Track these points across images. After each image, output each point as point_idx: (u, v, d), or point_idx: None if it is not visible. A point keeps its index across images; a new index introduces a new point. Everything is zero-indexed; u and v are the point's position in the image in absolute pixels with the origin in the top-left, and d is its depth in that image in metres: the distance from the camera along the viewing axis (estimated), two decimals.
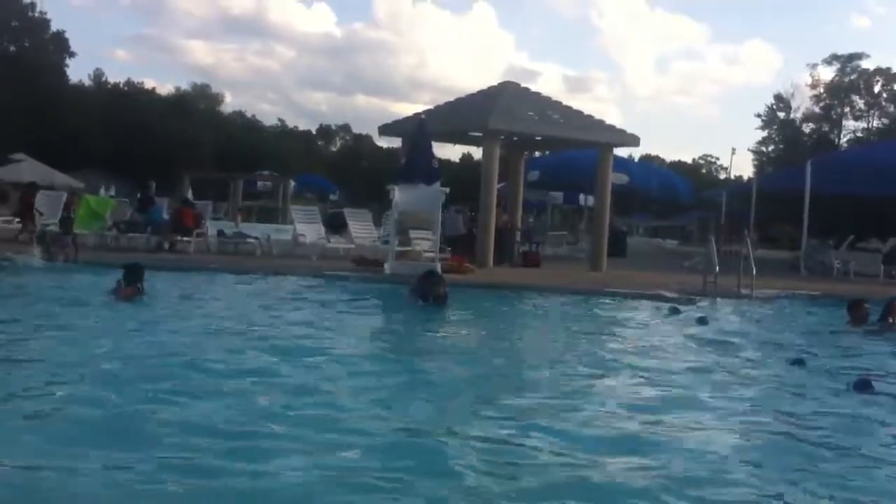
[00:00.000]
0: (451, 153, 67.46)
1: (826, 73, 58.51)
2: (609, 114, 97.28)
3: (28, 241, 16.16)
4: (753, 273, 15.27)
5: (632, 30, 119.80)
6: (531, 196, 28.14)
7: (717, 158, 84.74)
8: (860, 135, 57.63)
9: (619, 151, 22.15)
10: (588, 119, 20.47)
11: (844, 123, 59.55)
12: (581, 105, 28.10)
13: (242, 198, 42.82)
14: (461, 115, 20.55)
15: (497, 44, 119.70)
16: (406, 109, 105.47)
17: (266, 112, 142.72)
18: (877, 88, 58.61)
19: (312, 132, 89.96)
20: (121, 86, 66.95)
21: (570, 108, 20.81)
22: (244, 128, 74.56)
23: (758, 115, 61.42)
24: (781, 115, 60.84)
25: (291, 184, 47.04)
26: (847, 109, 59.32)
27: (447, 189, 16.26)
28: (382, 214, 21.11)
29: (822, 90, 58.64)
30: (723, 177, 72.37)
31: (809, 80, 59.03)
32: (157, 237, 18.44)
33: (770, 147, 62.39)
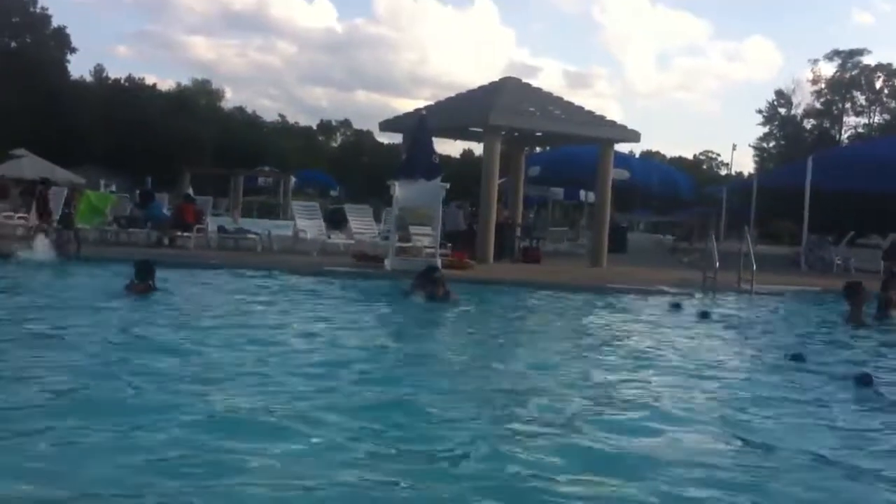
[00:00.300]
0: (452, 149, 67.47)
1: (827, 69, 58.64)
2: (610, 110, 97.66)
3: (29, 237, 16.15)
4: (754, 269, 15.32)
5: (633, 26, 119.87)
6: (532, 192, 28.12)
7: (718, 154, 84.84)
8: (861, 131, 57.69)
9: (620, 147, 22.13)
10: (589, 115, 20.46)
11: (845, 119, 59.63)
12: (582, 101, 28.13)
13: (243, 194, 42.88)
14: (462, 111, 20.55)
15: (498, 39, 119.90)
16: (407, 105, 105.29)
17: (267, 108, 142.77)
18: (878, 84, 58.67)
19: (313, 128, 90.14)
20: (122, 82, 67.03)
21: (571, 104, 20.80)
22: (245, 124, 74.63)
23: (759, 112, 61.59)
24: (782, 112, 60.89)
25: (292, 180, 47.12)
26: (848, 105, 59.35)
27: (447, 185, 16.24)
28: (383, 210, 21.12)
29: (824, 86, 58.67)
30: (724, 173, 72.42)
31: (811, 76, 59.18)
32: (158, 233, 18.47)
33: (771, 143, 62.48)
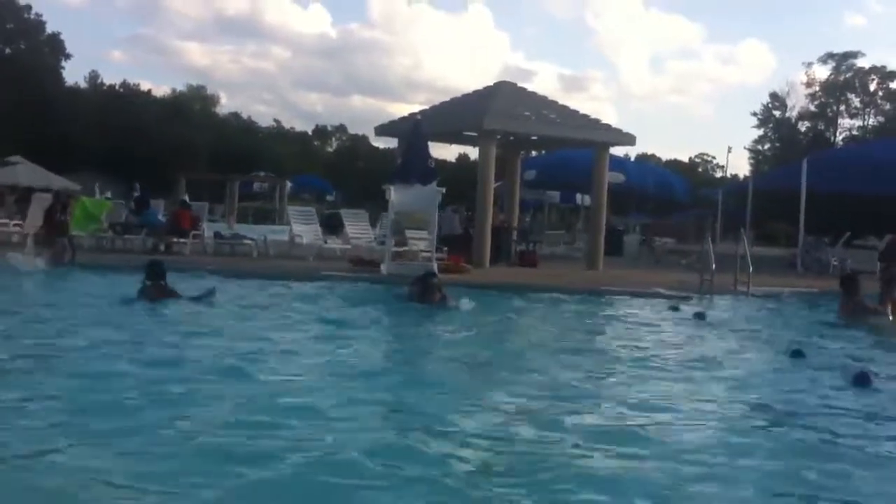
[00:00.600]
0: (448, 153, 67.66)
1: (821, 72, 58.77)
2: (605, 113, 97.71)
3: (25, 244, 16.11)
4: (750, 270, 15.34)
5: (627, 30, 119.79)
6: (528, 195, 28.12)
7: (714, 157, 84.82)
8: (856, 133, 57.81)
9: (616, 150, 22.17)
10: (584, 118, 20.48)
11: (840, 121, 59.80)
12: (577, 104, 28.14)
13: (239, 199, 42.81)
14: (457, 115, 20.56)
15: (492, 44, 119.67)
16: (402, 110, 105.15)
17: (262, 113, 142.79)
18: (872, 86, 58.80)
19: (308, 133, 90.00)
20: (116, 87, 66.95)
21: (566, 108, 20.81)
22: (240, 129, 74.57)
23: (754, 114, 61.68)
24: (777, 114, 61.02)
25: (288, 185, 47.06)
26: (843, 107, 59.48)
27: (443, 189, 16.25)
28: (379, 215, 21.11)
29: (818, 88, 58.81)
30: (719, 175, 72.48)
31: (805, 79, 59.32)
32: (153, 239, 18.44)
33: (766, 145, 62.58)
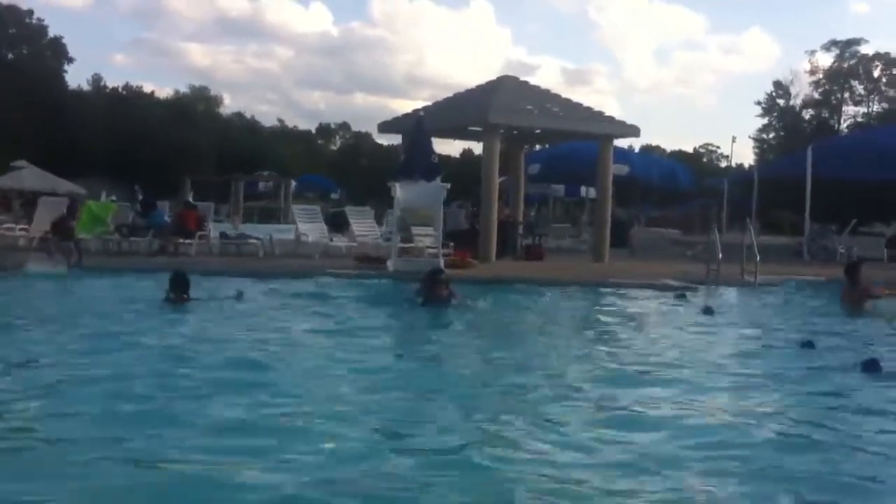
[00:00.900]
0: (452, 149, 67.29)
1: (825, 59, 58.54)
2: (609, 105, 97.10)
3: (31, 248, 16.16)
4: (757, 260, 15.29)
5: (630, 22, 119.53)
6: (532, 189, 28.10)
7: (718, 147, 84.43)
8: (860, 120, 57.59)
9: (620, 142, 22.11)
10: (588, 111, 20.44)
11: (844, 109, 59.52)
12: (581, 97, 28.04)
13: (244, 199, 42.87)
14: (460, 111, 20.54)
15: (495, 39, 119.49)
16: (405, 106, 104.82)
17: (265, 113, 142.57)
18: (876, 73, 58.57)
19: (312, 131, 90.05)
20: (120, 90, 67.08)
21: (570, 101, 20.78)
22: (244, 129, 74.65)
23: (758, 103, 61.49)
24: (781, 102, 60.83)
25: (292, 184, 47.09)
26: (847, 95, 59.26)
27: (448, 185, 16.24)
28: (384, 212, 21.11)
29: (822, 76, 58.60)
30: (724, 165, 72.26)
31: (808, 67, 59.09)
32: (160, 240, 18.44)
33: (770, 134, 62.41)
